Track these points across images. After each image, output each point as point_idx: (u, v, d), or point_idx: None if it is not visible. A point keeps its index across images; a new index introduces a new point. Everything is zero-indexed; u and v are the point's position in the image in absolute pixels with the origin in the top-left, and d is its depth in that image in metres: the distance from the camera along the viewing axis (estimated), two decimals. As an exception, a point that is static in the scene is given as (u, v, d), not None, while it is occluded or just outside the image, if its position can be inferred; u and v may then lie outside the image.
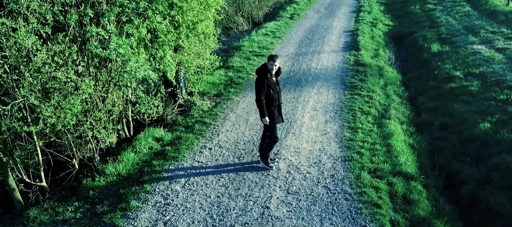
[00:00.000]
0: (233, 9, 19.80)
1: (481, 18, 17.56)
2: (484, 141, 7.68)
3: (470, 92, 10.11)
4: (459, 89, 10.46)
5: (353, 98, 9.56)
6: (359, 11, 21.10)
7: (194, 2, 8.07)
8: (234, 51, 14.12)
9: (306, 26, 18.04)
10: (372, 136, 7.69)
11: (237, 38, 17.12)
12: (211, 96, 9.97)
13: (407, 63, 14.50)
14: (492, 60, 12.14)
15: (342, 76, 11.25)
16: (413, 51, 15.54)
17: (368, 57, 13.28)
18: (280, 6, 23.59)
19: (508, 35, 14.65)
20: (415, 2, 23.11)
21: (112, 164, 6.67)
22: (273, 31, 17.08)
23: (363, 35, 15.95)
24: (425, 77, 12.35)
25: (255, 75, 6.14)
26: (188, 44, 8.78)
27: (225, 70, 11.89)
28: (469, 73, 11.39)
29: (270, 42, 15.27)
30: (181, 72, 9.40)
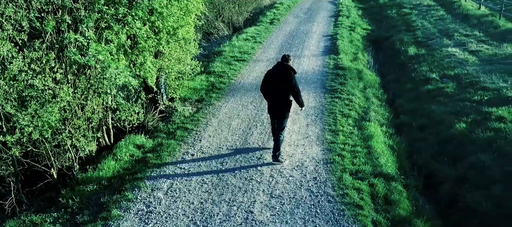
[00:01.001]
0: (214, 14, 19.79)
1: (455, 22, 18.10)
2: (460, 141, 7.89)
3: (446, 94, 10.38)
4: (435, 91, 10.73)
5: (334, 102, 9.68)
6: (337, 16, 21.43)
7: (175, 7, 8.03)
8: (215, 56, 14.10)
9: (286, 31, 18.19)
10: (353, 138, 7.80)
11: (218, 43, 17.11)
12: (192, 102, 9.91)
13: (385, 66, 14.78)
14: (466, 62, 12.51)
15: (322, 80, 11.37)
16: (391, 54, 15.86)
17: (348, 61, 13.48)
18: (260, 11, 23.72)
19: (480, 38, 15.15)
20: (391, 6, 23.64)
21: (92, 172, 6.54)
22: (253, 36, 17.14)
23: (342, 40, 16.19)
24: (403, 79, 12.62)
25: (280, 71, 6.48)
26: (168, 50, 8.71)
27: (206, 75, 11.84)
28: (445, 75, 11.70)
29: (251, 47, 15.31)
30: (161, 78, 9.32)
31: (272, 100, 6.60)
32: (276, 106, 6.57)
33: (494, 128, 7.78)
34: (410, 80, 12.14)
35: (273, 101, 6.60)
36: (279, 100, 6.51)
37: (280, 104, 6.52)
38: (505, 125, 7.81)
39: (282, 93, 6.45)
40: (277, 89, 6.44)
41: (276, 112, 6.60)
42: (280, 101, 6.51)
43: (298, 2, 26.46)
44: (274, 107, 6.61)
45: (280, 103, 6.52)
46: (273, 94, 6.56)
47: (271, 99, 6.62)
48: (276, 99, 6.54)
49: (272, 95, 6.57)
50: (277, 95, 6.50)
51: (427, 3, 22.66)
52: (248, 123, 8.54)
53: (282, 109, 6.53)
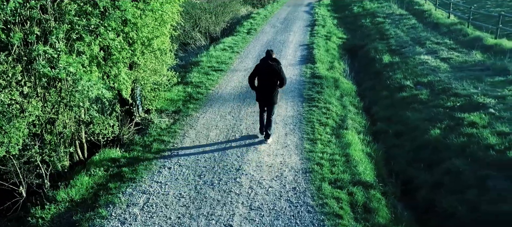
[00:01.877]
0: (190, 25, 19.66)
1: (426, 30, 18.60)
2: (435, 147, 8.01)
3: (420, 100, 10.57)
4: (410, 98, 10.92)
5: (311, 110, 9.69)
6: (313, 25, 21.67)
7: (149, 18, 7.87)
8: (192, 66, 13.95)
9: (263, 40, 18.23)
10: (331, 147, 7.80)
11: (195, 53, 16.97)
12: (169, 113, 9.71)
13: (361, 74, 14.99)
14: (438, 69, 12.82)
15: (299, 89, 11.39)
16: (366, 62, 16.11)
17: (324, 70, 13.59)
18: (237, 21, 23.74)
19: (451, 46, 15.60)
20: (365, 16, 24.11)
21: (64, 189, 6.26)
22: (231, 46, 17.09)
23: (318, 49, 16.35)
24: (379, 87, 12.81)
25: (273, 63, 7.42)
26: (143, 61, 8.53)
27: (183, 86, 11.67)
28: (418, 82, 11.94)
29: (228, 57, 15.24)
30: (137, 90, 9.10)
31: (263, 91, 7.55)
32: (267, 95, 7.53)
33: (467, 134, 7.95)
34: (386, 88, 12.33)
35: (264, 91, 7.55)
36: (269, 90, 7.49)
37: (270, 93, 7.50)
38: (477, 130, 7.98)
39: (272, 84, 7.43)
40: (267, 80, 7.42)
41: (267, 101, 7.61)
42: (270, 91, 7.49)
43: (275, 12, 26.67)
44: (265, 97, 7.57)
45: (270, 92, 7.49)
46: (264, 86, 7.51)
47: (262, 90, 7.57)
48: (266, 89, 7.50)
49: (263, 87, 7.52)
50: (268, 86, 7.46)
51: (399, 12, 23.24)
52: (226, 133, 8.42)
53: (272, 97, 7.54)
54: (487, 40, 15.25)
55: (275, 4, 30.63)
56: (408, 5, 24.48)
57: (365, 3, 27.58)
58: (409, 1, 25.41)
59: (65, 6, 6.21)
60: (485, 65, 12.58)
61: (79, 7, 6.48)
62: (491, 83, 10.89)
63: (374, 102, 11.68)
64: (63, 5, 6.23)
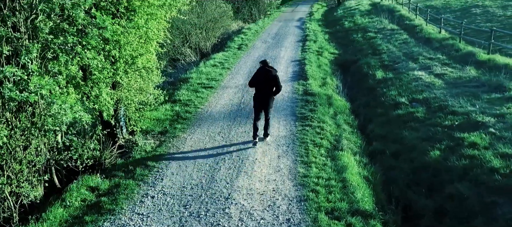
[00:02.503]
0: (180, 40, 19.22)
1: (419, 45, 18.39)
2: (435, 169, 7.56)
3: (417, 118, 10.17)
4: (406, 116, 10.51)
5: (305, 130, 9.21)
6: (305, 41, 21.39)
7: (132, 36, 7.37)
8: (181, 83, 13.44)
9: (255, 56, 17.83)
10: (326, 171, 7.30)
11: (185, 69, 16.48)
12: (155, 135, 9.16)
13: (354, 91, 14.61)
14: (433, 85, 12.49)
15: (292, 107, 10.93)
16: (359, 78, 15.77)
17: (317, 86, 13.18)
18: (228, 36, 23.39)
19: (444, 61, 15.35)
20: (357, 31, 23.95)
21: (35, 223, 5.64)
22: (221, 62, 16.66)
23: (310, 65, 15.98)
24: (373, 104, 12.41)
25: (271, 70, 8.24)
26: (127, 80, 8.00)
27: (171, 104, 11.14)
28: (414, 99, 11.57)
29: (218, 73, 14.78)
30: (120, 110, 8.54)
31: (262, 96, 8.22)
32: (265, 99, 8.22)
33: (469, 155, 7.52)
34: (380, 105, 11.93)
35: (262, 96, 8.22)
36: (267, 95, 8.20)
37: (268, 98, 8.23)
38: (479, 151, 7.56)
39: (269, 89, 8.18)
40: (265, 86, 8.15)
41: (264, 104, 8.26)
42: (268, 96, 8.22)
43: (266, 28, 26.40)
44: (263, 101, 8.24)
45: (267, 97, 8.22)
46: (262, 91, 8.18)
47: (260, 95, 8.22)
48: (264, 94, 8.19)
49: (261, 92, 8.19)
50: (266, 91, 8.18)
51: (390, 27, 23.10)
52: (215, 156, 7.88)
53: (269, 101, 8.28)
54: (480, 56, 15.02)
55: (266, 19, 30.44)
56: (399, 20, 24.39)
57: (356, 18, 27.50)
58: (399, 16, 25.37)
59: (39, 23, 5.69)
60: (480, 82, 12.28)
61: (55, 24, 5.97)
62: (488, 100, 10.55)
63: (369, 120, 11.25)
64: (37, 22, 5.71)
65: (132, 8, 7.55)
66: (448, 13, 24.83)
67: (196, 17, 20.39)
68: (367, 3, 35.64)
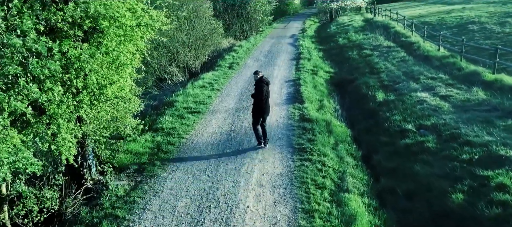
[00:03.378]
0: (167, 59, 17.98)
1: (418, 64, 17.39)
2: (462, 217, 6.34)
3: (428, 149, 8.99)
4: (415, 146, 9.33)
5: (304, 166, 7.95)
6: (299, 59, 20.30)
7: (99, 61, 6.09)
8: (166, 108, 12.14)
9: (246, 76, 16.64)
10: (332, 222, 6.02)
11: (171, 91, 15.20)
12: (130, 173, 7.82)
13: (353, 113, 13.45)
14: (440, 109, 11.38)
15: (288, 136, 9.69)
16: (358, 99, 14.64)
17: (314, 110, 11.98)
18: (218, 54, 22.23)
19: (447, 81, 14.31)
20: (352, 48, 22.98)
21: None
22: (211, 82, 15.43)
23: (305, 85, 14.82)
24: (376, 130, 11.23)
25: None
26: (95, 112, 6.70)
27: (152, 134, 9.84)
28: (421, 126, 10.42)
29: (207, 96, 13.52)
30: (88, 147, 7.22)
31: (265, 104, 8.71)
32: (268, 107, 8.86)
33: (499, 201, 6.31)
34: (384, 132, 10.75)
35: (266, 105, 8.75)
36: (268, 103, 8.85)
37: (268, 106, 8.87)
38: (511, 196, 6.36)
39: (268, 98, 8.83)
40: (268, 95, 8.76)
41: (268, 112, 8.88)
42: (267, 104, 8.82)
43: (258, 45, 25.33)
44: (267, 109, 8.81)
45: (267, 105, 8.83)
46: (266, 100, 8.71)
47: (264, 104, 8.68)
48: (267, 103, 8.78)
49: (266, 100, 8.71)
50: (267, 100, 8.78)
51: (386, 44, 22.17)
52: (199, 203, 6.57)
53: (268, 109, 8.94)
54: (486, 75, 14.02)
55: (258, 36, 29.40)
56: (395, 37, 23.51)
57: (350, 35, 26.60)
58: (395, 33, 24.51)
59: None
60: (492, 105, 11.19)
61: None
62: (505, 128, 9.43)
63: (374, 149, 10.05)
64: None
65: (100, 29, 6.30)
66: (444, 29, 24.05)
67: (184, 35, 19.20)
68: (360, 19, 34.93)
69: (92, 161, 7.37)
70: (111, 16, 6.30)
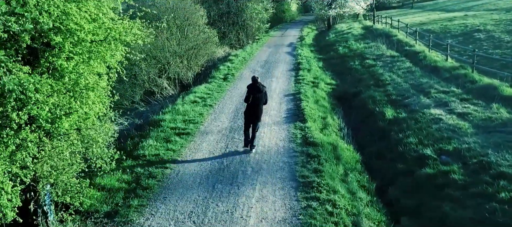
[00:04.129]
0: (156, 70, 16.53)
1: (426, 76, 16.05)
2: None
3: (455, 183, 7.58)
4: (439, 178, 7.92)
5: (311, 208, 6.50)
6: (298, 69, 18.93)
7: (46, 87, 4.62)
8: (151, 128, 10.67)
9: (242, 89, 15.20)
10: None
11: (160, 106, 13.74)
12: (99, 219, 6.34)
13: (360, 132, 12.05)
14: (460, 130, 10.00)
15: (290, 166, 8.25)
16: (364, 115, 13.26)
17: (317, 131, 10.57)
18: (213, 64, 20.81)
19: (461, 96, 12.95)
20: (353, 57, 21.67)
21: None
22: (203, 97, 13.99)
23: (306, 100, 13.41)
24: (389, 155, 9.83)
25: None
26: (48, 150, 5.23)
27: (131, 162, 8.37)
28: (441, 150, 9.03)
29: (198, 113, 12.07)
30: (43, 191, 5.73)
31: (252, 109, 8.69)
32: (255, 113, 8.72)
33: None
34: (399, 158, 9.35)
35: (253, 110, 8.69)
36: (257, 108, 8.72)
37: (257, 111, 8.73)
38: None
39: (259, 103, 8.70)
40: (256, 100, 8.62)
41: (255, 117, 8.75)
42: (258, 109, 8.73)
43: (255, 54, 23.95)
44: (254, 114, 8.72)
45: (257, 110, 8.73)
46: (253, 105, 8.64)
47: (251, 109, 8.68)
48: (255, 108, 8.69)
49: (252, 106, 8.65)
50: (256, 105, 8.69)
51: (390, 53, 20.85)
52: (180, 266, 5.10)
53: (259, 115, 8.80)
54: (503, 90, 12.66)
55: (254, 44, 28.02)
56: (398, 45, 22.22)
57: (351, 43, 25.31)
58: (397, 41, 23.23)
59: None
60: (519, 126, 9.84)
61: None
62: (543, 156, 8.05)
63: (389, 179, 8.64)
64: None
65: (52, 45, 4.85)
66: (449, 38, 22.78)
67: (176, 44, 17.78)
68: (359, 27, 33.71)
69: (49, 206, 5.88)
70: (68, 29, 4.86)
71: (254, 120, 8.77)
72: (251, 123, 8.81)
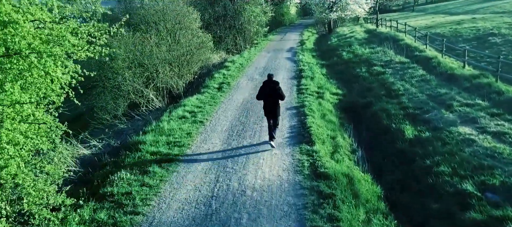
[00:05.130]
0: (143, 79, 14.61)
1: (443, 85, 14.19)
2: None
3: (515, 236, 5.69)
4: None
5: None
6: (300, 77, 17.02)
7: None
8: (128, 153, 8.77)
9: (238, 101, 13.33)
10: None
11: (143, 123, 11.83)
12: None
13: (374, 152, 10.17)
14: (500, 155, 8.14)
15: (298, 210, 6.33)
16: (378, 131, 11.37)
17: (328, 156, 8.68)
18: (207, 71, 18.90)
19: (489, 110, 11.09)
20: (359, 63, 19.80)
21: None
22: (193, 111, 12.09)
23: (312, 115, 11.49)
24: (415, 186, 7.93)
25: None
26: None
27: (94, 205, 6.45)
28: (485, 186, 7.14)
29: (186, 132, 10.16)
30: None
31: (269, 106, 8.85)
32: (272, 109, 8.85)
33: None
34: (430, 192, 7.46)
35: (270, 107, 8.84)
36: (274, 105, 8.84)
37: (275, 108, 8.85)
38: None
39: (275, 100, 8.80)
40: (271, 98, 8.78)
41: (273, 114, 8.89)
42: (274, 106, 8.84)
43: (253, 60, 22.04)
44: (271, 111, 8.86)
45: (274, 107, 8.84)
46: (269, 102, 8.82)
47: (268, 106, 8.85)
48: (271, 105, 8.83)
49: (269, 103, 8.82)
50: (272, 102, 8.82)
51: (399, 59, 18.97)
52: None
53: (276, 111, 8.89)
54: (540, 103, 10.81)
55: (252, 49, 26.09)
56: (407, 51, 20.34)
57: (355, 48, 23.45)
58: (405, 46, 21.35)
59: None
60: None
61: None
62: None
63: (421, 223, 6.73)
64: None
65: None
66: (461, 42, 20.97)
67: (166, 50, 15.86)
68: (362, 31, 31.89)
69: None
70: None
71: (272, 116, 8.91)
72: (271, 119, 8.96)
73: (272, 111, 8.84)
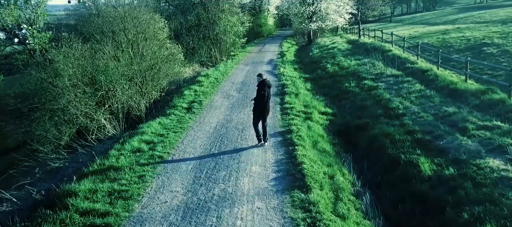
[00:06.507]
0: (94, 101, 11.80)
1: (448, 102, 12.10)
2: None
3: None
4: None
5: None
6: (283, 93, 14.65)
7: None
8: (50, 213, 6.00)
9: (211, 125, 10.75)
10: None
11: (90, 156, 9.04)
12: None
13: (385, 195, 7.79)
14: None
15: None
16: (384, 164, 9.08)
17: (329, 209, 6.22)
18: (176, 87, 16.23)
19: (513, 133, 8.98)
20: (346, 77, 17.63)
21: None
22: (152, 141, 9.43)
23: (302, 144, 9.06)
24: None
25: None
26: None
27: None
28: None
29: (138, 175, 7.49)
30: None
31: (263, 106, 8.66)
32: (266, 109, 8.75)
33: None
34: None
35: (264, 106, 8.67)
36: (268, 104, 8.78)
37: (268, 107, 8.84)
38: None
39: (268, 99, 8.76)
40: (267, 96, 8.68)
41: (266, 114, 8.82)
42: (268, 105, 8.80)
43: (229, 74, 19.52)
44: (265, 111, 8.74)
45: (268, 106, 8.82)
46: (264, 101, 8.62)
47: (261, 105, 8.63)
48: (266, 104, 8.70)
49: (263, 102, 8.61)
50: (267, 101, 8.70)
51: (390, 72, 16.91)
52: None
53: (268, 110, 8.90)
54: None
55: (229, 62, 23.57)
56: (397, 63, 18.35)
57: (340, 60, 21.38)
58: (394, 58, 19.39)
59: None
60: None
61: None
62: None
63: None
64: None
65: None
66: (454, 53, 19.22)
67: (126, 65, 13.13)
68: (344, 41, 30.04)
69: None
70: None
71: (265, 116, 8.79)
72: (262, 119, 8.77)
73: (267, 110, 8.82)
